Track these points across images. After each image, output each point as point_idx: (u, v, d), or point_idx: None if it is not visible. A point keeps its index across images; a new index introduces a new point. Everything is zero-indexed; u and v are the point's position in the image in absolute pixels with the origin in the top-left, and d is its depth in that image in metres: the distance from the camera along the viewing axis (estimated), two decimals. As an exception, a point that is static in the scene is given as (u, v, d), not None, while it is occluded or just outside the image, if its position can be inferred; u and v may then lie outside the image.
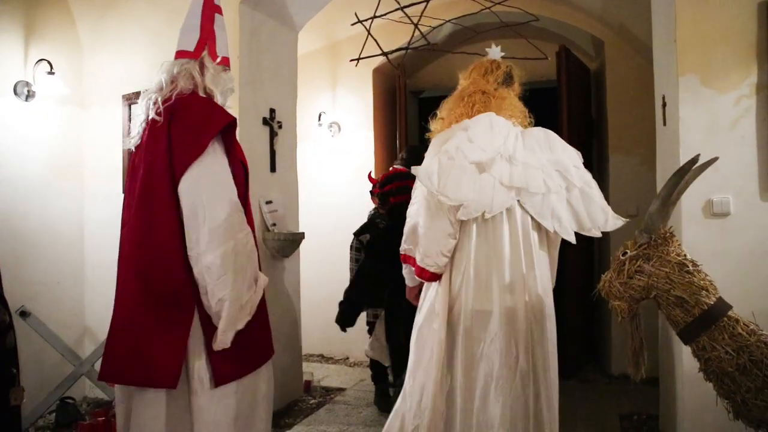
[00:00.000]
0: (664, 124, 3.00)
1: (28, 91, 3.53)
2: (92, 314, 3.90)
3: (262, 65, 3.69)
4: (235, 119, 1.90)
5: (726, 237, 2.68)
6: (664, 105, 2.99)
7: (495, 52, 2.34)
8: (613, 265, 1.93)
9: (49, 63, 3.57)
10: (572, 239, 2.08)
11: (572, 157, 2.15)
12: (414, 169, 2.08)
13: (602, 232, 2.11)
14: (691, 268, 1.83)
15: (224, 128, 1.86)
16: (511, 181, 2.02)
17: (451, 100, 2.26)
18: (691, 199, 2.67)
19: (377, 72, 5.12)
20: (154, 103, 1.87)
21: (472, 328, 2.03)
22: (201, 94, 1.93)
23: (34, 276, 3.60)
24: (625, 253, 1.90)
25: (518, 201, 2.06)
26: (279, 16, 3.83)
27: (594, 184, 2.17)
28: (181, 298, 1.78)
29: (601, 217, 2.10)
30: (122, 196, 3.71)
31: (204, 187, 1.78)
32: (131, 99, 3.73)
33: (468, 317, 2.04)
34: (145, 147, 1.88)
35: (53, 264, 3.74)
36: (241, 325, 1.82)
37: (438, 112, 2.32)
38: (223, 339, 1.78)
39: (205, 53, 1.96)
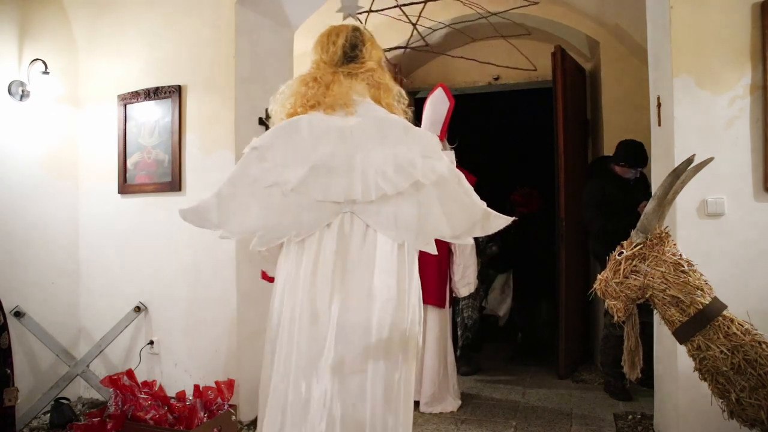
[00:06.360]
0: (659, 124, 3.00)
1: (23, 91, 3.51)
2: (87, 314, 3.88)
3: (257, 65, 3.67)
4: None
5: (720, 237, 2.69)
6: (658, 106, 3.00)
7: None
8: (609, 264, 1.94)
9: (43, 63, 3.55)
10: None
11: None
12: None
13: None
14: (686, 267, 1.84)
15: None
16: None
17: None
18: (686, 200, 2.68)
19: (373, 72, 5.11)
20: None
21: None
22: None
23: (29, 276, 3.58)
24: (621, 253, 1.91)
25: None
26: (275, 16, 3.82)
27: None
28: None
29: None
30: (117, 195, 3.77)
31: None
32: (127, 99, 3.71)
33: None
34: None
35: (48, 264, 3.72)
36: None
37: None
38: None
39: None
